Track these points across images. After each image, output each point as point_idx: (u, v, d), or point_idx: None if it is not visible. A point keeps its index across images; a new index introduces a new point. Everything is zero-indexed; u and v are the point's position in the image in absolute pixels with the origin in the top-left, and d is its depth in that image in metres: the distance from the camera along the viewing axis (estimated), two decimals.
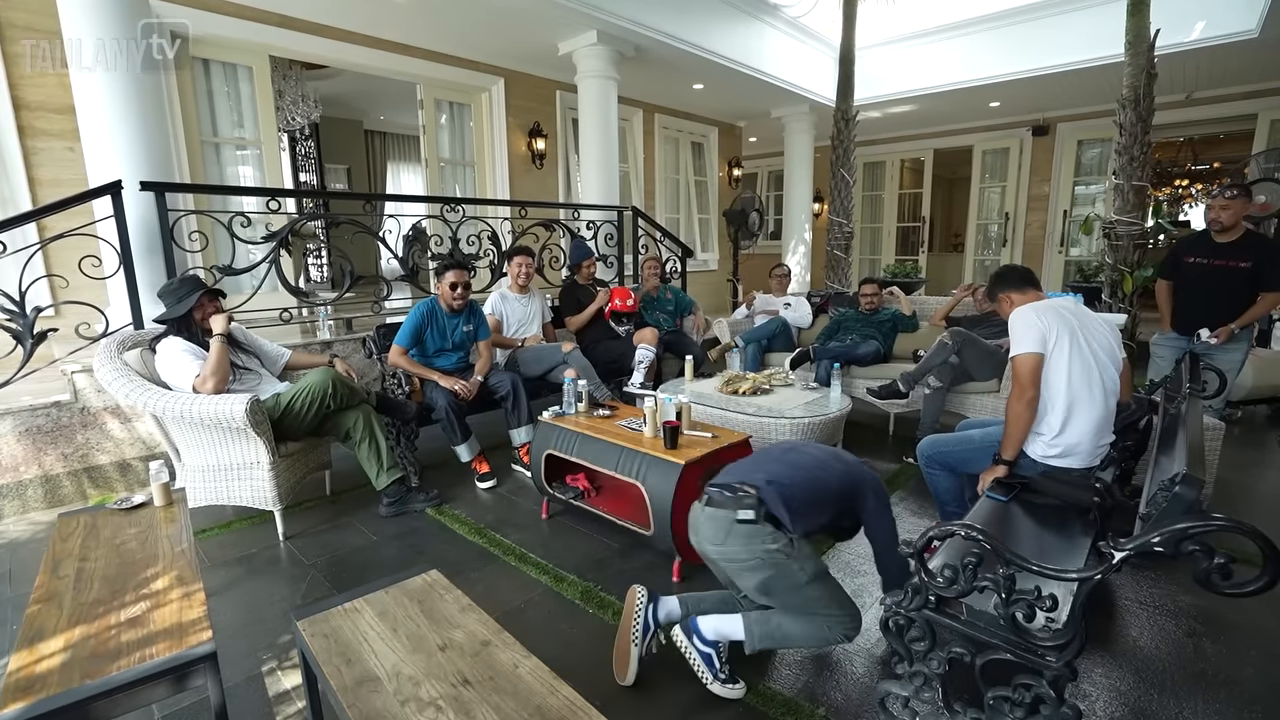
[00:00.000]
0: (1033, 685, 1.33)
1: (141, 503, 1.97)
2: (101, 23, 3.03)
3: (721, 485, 1.75)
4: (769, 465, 1.80)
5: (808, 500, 1.73)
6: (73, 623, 1.36)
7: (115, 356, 2.54)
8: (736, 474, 1.79)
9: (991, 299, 2.31)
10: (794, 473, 1.76)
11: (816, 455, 1.87)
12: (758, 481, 1.71)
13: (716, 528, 1.69)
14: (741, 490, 1.69)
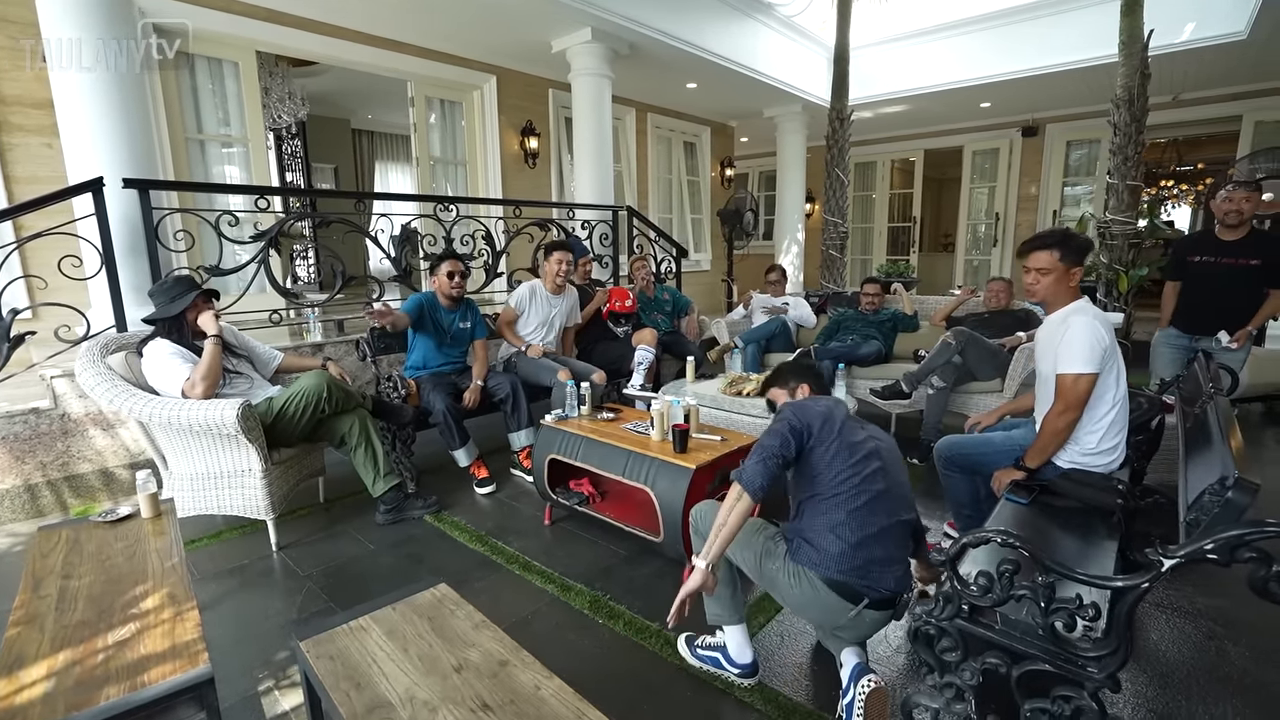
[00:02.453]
0: (1073, 697, 1.28)
1: (127, 515, 1.87)
2: (91, 23, 2.91)
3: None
4: (897, 534, 1.67)
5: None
6: (56, 647, 1.27)
7: (98, 361, 2.42)
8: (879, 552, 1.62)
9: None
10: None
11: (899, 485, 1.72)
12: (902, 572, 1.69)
13: (878, 624, 1.70)
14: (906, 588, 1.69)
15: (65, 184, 3.07)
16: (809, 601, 1.63)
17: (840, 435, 1.65)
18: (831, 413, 1.69)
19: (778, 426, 1.67)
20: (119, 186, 2.98)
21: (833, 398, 1.87)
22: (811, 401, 1.77)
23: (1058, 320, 2.00)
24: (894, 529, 1.64)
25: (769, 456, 1.61)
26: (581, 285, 4.32)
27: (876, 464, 1.64)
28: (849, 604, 1.58)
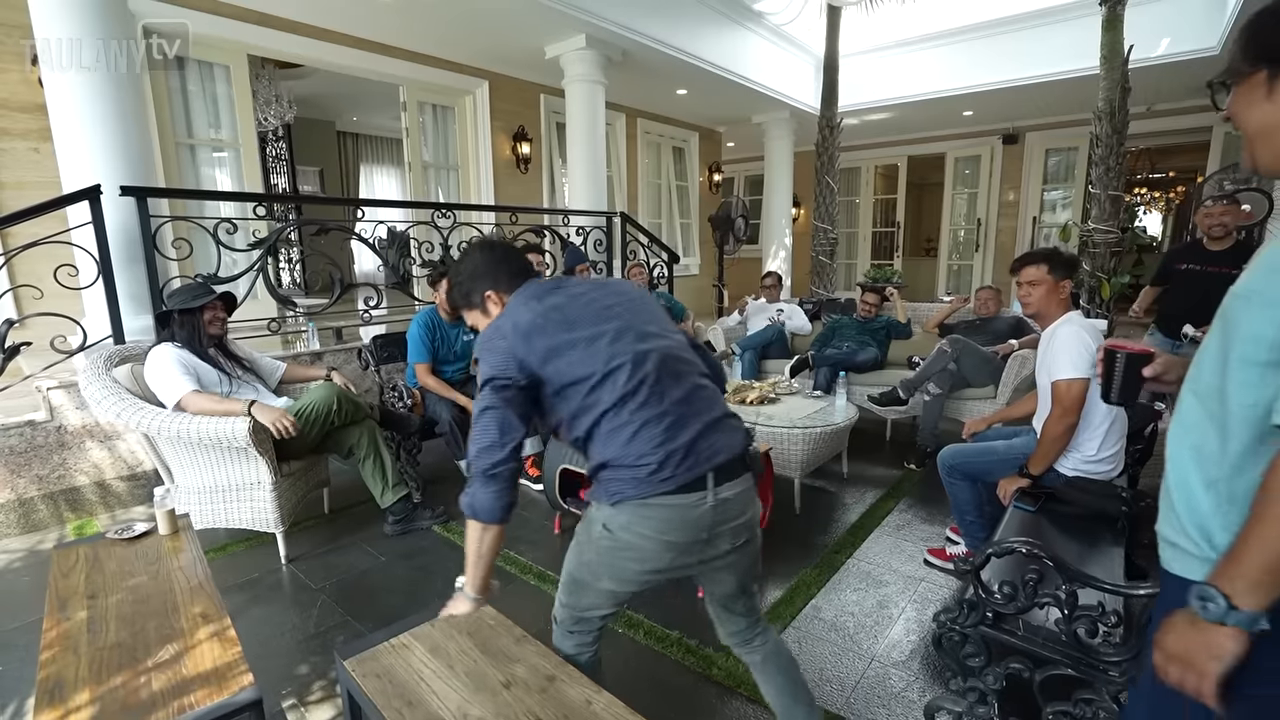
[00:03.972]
0: (1094, 699, 1.34)
1: (145, 531, 1.85)
2: (87, 23, 2.85)
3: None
4: (707, 394, 1.32)
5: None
6: (94, 671, 1.26)
7: (104, 373, 2.38)
8: (698, 425, 1.25)
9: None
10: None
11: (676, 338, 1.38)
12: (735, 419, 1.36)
13: (746, 498, 1.31)
14: (747, 441, 1.33)
15: (55, 189, 3.02)
16: (660, 530, 1.23)
17: (560, 329, 1.26)
18: (529, 322, 1.27)
19: (482, 396, 1.27)
20: (116, 193, 2.93)
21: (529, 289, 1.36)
22: (500, 321, 1.31)
23: (1048, 334, 2.13)
24: (700, 388, 1.31)
25: (483, 452, 1.28)
26: None
27: (618, 325, 1.29)
28: (698, 493, 1.22)
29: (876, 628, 2.09)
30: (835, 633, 2.07)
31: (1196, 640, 0.74)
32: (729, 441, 1.28)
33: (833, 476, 3.41)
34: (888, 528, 2.84)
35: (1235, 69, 0.82)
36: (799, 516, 2.94)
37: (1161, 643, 0.78)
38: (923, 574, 2.44)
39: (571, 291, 1.35)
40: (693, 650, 1.95)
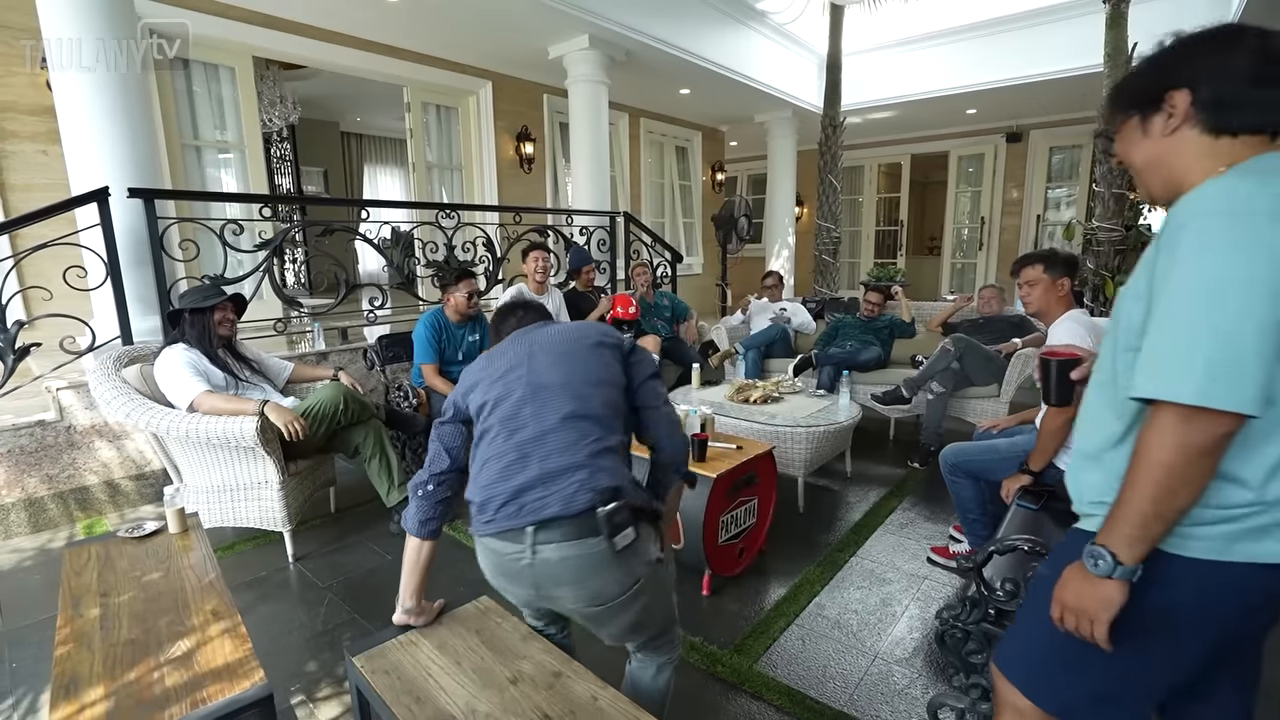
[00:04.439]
0: None
1: (155, 530, 1.87)
2: (90, 23, 2.87)
3: (549, 498, 1.16)
4: (560, 438, 1.20)
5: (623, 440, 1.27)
6: (108, 667, 1.28)
7: (113, 374, 2.41)
8: (530, 474, 1.19)
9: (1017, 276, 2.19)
10: (592, 411, 1.24)
11: (574, 362, 1.31)
12: (600, 476, 1.17)
13: (587, 564, 1.16)
14: (598, 501, 1.14)
15: (63, 192, 3.05)
16: (490, 571, 1.29)
17: (484, 367, 1.35)
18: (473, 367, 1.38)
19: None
20: (124, 195, 2.95)
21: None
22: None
23: (1049, 331, 2.17)
24: (557, 431, 1.22)
25: (419, 472, 1.39)
26: (584, 292, 4.35)
27: (513, 361, 1.32)
28: (517, 546, 1.18)
29: (880, 625, 2.11)
30: (839, 630, 2.08)
31: (1090, 594, 0.86)
32: (566, 496, 1.14)
33: (836, 475, 3.42)
34: (891, 526, 2.85)
35: (1113, 120, 0.97)
36: (803, 515, 2.95)
37: (1061, 597, 0.90)
38: (926, 572, 2.45)
39: (525, 336, 1.40)
40: (697, 647, 1.97)
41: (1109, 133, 0.85)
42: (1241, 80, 0.85)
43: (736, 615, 2.17)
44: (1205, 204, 0.81)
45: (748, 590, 2.33)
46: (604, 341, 1.36)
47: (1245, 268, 0.76)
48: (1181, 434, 0.78)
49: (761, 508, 2.52)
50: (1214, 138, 0.87)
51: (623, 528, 1.14)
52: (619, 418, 1.29)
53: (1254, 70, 0.84)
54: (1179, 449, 0.78)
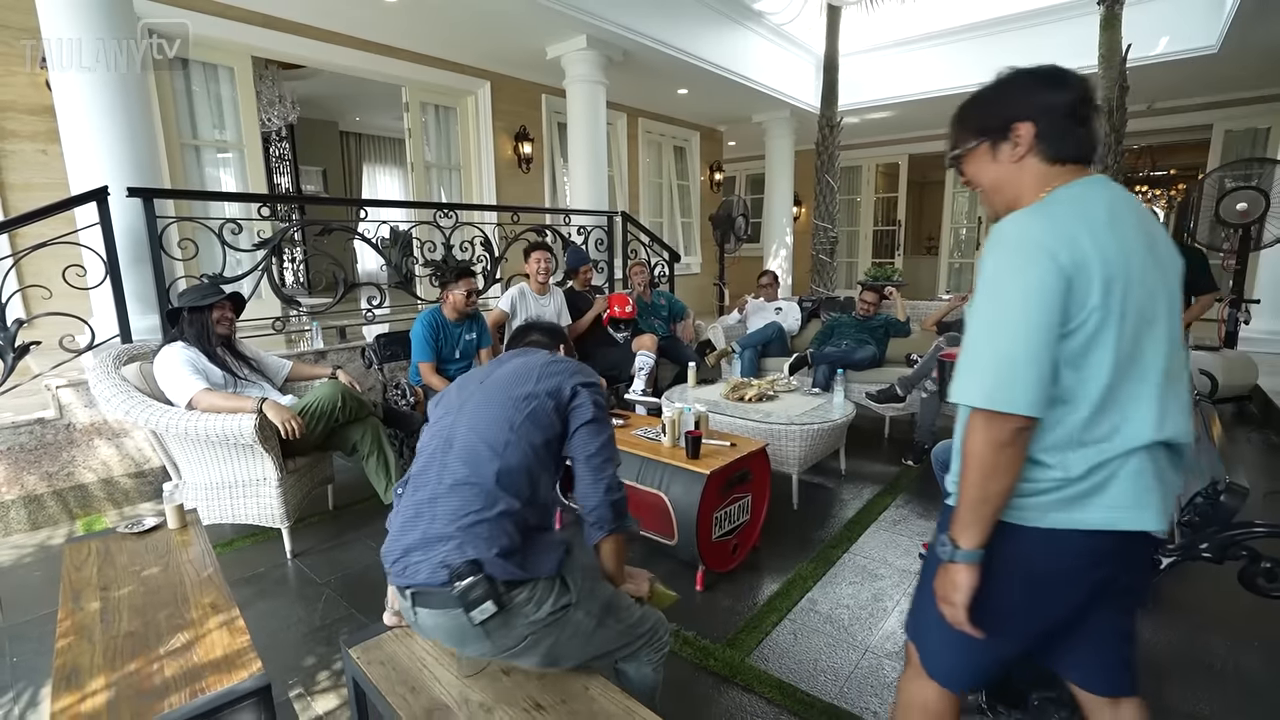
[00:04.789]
0: None
1: (154, 526, 1.90)
2: (90, 23, 2.89)
3: (414, 569, 1.19)
4: (445, 505, 1.21)
5: (526, 516, 1.22)
6: (109, 658, 1.30)
7: (113, 372, 2.43)
8: (415, 536, 1.21)
9: None
10: (478, 489, 1.21)
11: (474, 441, 1.25)
12: (466, 549, 1.16)
13: (456, 632, 1.18)
14: (454, 576, 1.14)
15: (63, 190, 3.07)
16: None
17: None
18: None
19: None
20: (123, 195, 2.97)
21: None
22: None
23: None
24: (444, 497, 1.21)
25: None
26: (582, 291, 4.37)
27: (442, 413, 1.35)
28: (405, 602, 1.22)
29: (871, 620, 2.13)
30: (830, 625, 2.10)
31: (945, 580, 1.01)
32: (431, 567, 1.15)
33: (831, 473, 3.44)
34: (884, 523, 2.87)
35: (963, 145, 1.08)
36: (796, 512, 2.98)
37: (935, 588, 1.04)
38: (918, 568, 2.47)
39: (494, 365, 1.42)
40: (690, 641, 1.99)
41: (958, 156, 1.10)
42: (1068, 117, 0.99)
43: (730, 610, 2.19)
44: (1002, 234, 0.96)
45: (741, 586, 2.36)
46: (536, 392, 1.28)
47: (1020, 294, 0.92)
48: (983, 431, 0.94)
49: (755, 504, 2.54)
50: (1050, 165, 1.00)
51: (479, 603, 1.12)
52: (527, 479, 1.23)
53: (1075, 109, 0.99)
54: (984, 443, 0.94)
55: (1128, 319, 0.93)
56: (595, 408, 1.31)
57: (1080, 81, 1.01)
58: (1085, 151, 1.01)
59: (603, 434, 1.31)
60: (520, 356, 1.42)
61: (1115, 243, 0.93)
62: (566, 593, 1.21)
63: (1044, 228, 0.93)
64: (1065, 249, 0.91)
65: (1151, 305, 0.96)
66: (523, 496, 1.22)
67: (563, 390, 1.30)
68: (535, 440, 1.25)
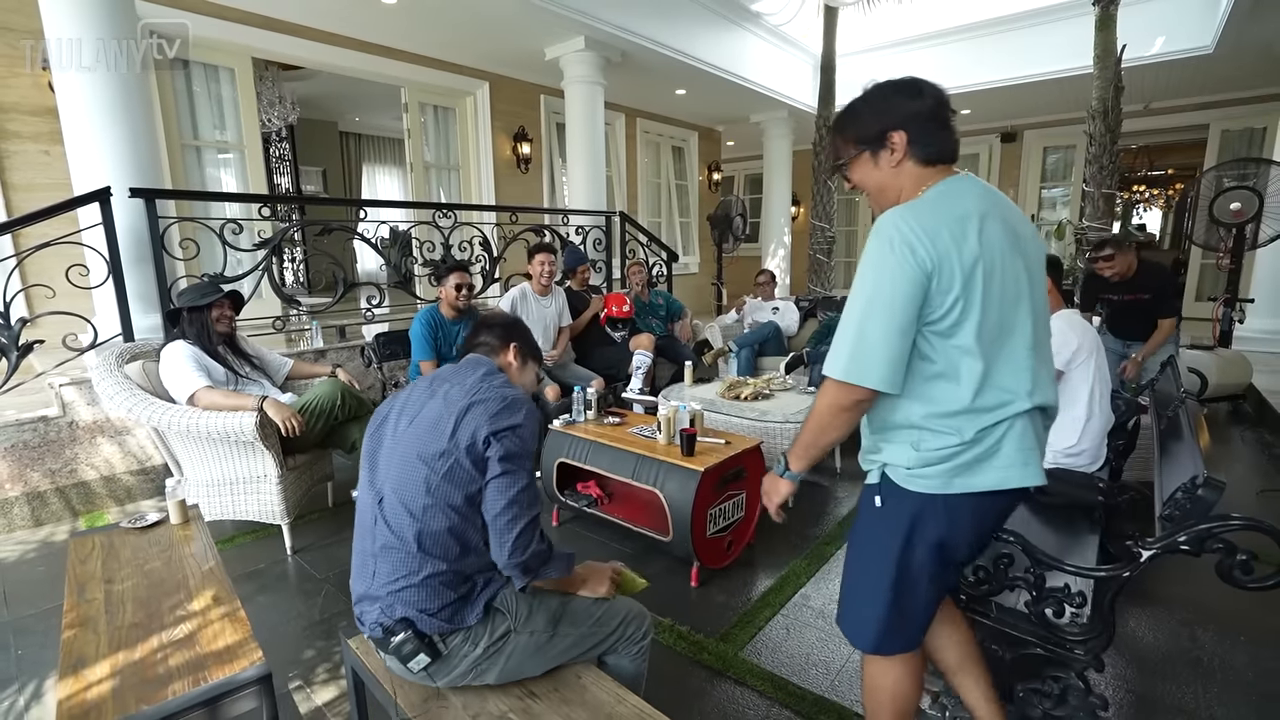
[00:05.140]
0: (1062, 677, 1.40)
1: (157, 520, 1.93)
2: (91, 23, 2.92)
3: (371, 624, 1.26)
4: (380, 566, 1.25)
5: (456, 574, 1.23)
6: (113, 648, 1.33)
7: (115, 370, 2.46)
8: (362, 588, 1.29)
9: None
10: (402, 553, 1.22)
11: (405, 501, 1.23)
12: (396, 609, 1.22)
13: (406, 673, 1.25)
14: (388, 633, 1.21)
15: (65, 191, 3.10)
16: None
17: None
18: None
19: None
20: (125, 195, 3.00)
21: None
22: None
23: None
24: (379, 557, 1.25)
25: None
26: (579, 291, 4.40)
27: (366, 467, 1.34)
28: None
29: None
30: (823, 620, 2.13)
31: (773, 483, 1.31)
32: (371, 622, 1.24)
33: (826, 471, 3.47)
34: None
35: (845, 154, 1.20)
36: (792, 509, 3.01)
37: (762, 488, 1.34)
38: None
39: (423, 392, 1.34)
40: (684, 636, 2.02)
41: (842, 164, 1.23)
42: (931, 121, 1.11)
43: (723, 606, 2.22)
44: (876, 228, 1.08)
45: (735, 582, 2.39)
46: (449, 449, 1.20)
47: (873, 282, 1.06)
48: (831, 394, 1.12)
49: (750, 502, 2.57)
50: (924, 167, 1.12)
51: (413, 655, 1.19)
52: (453, 539, 1.22)
53: (936, 114, 1.11)
54: (828, 405, 1.13)
55: (992, 300, 1.05)
56: (505, 460, 1.20)
57: (935, 89, 1.12)
58: (951, 151, 1.13)
59: (512, 488, 1.21)
60: (452, 383, 1.31)
61: (977, 234, 1.05)
62: (504, 620, 1.25)
63: (909, 224, 1.04)
64: (926, 243, 1.02)
65: (1016, 286, 1.09)
66: (449, 557, 1.21)
67: (476, 442, 1.20)
68: (455, 500, 1.20)
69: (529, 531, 1.21)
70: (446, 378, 1.34)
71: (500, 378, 1.34)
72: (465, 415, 1.22)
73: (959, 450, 1.09)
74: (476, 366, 1.36)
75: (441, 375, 1.36)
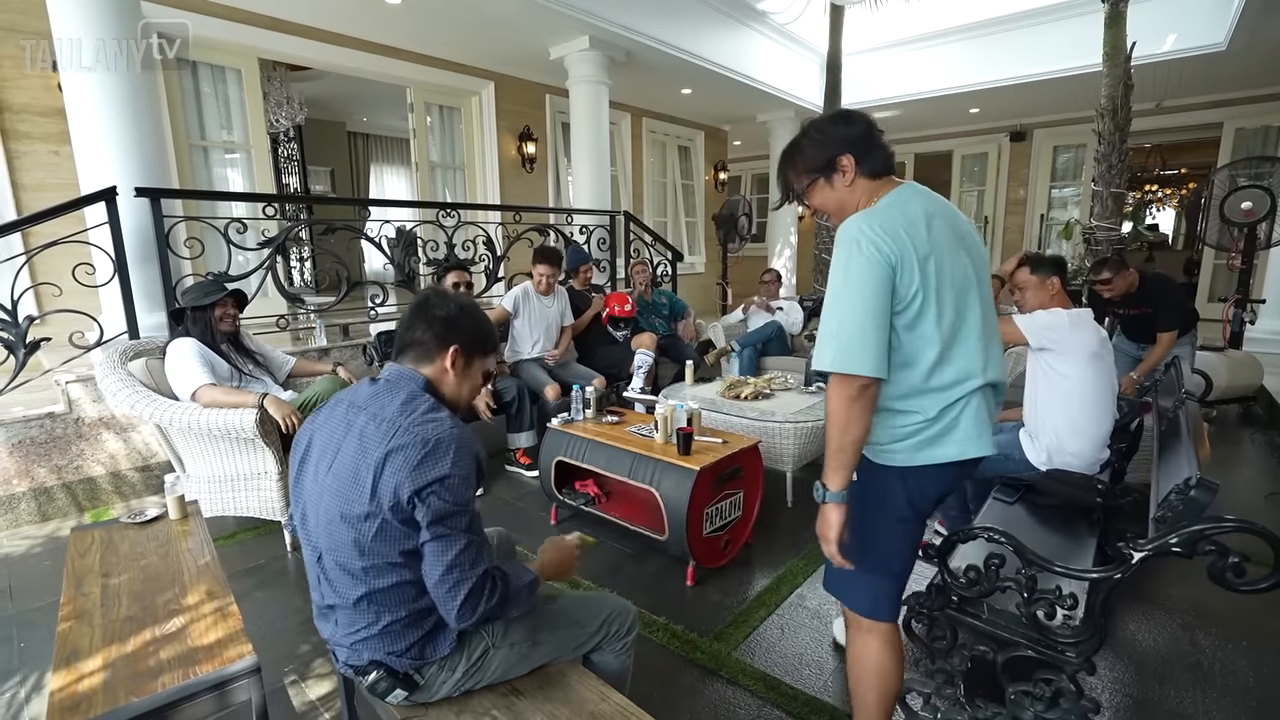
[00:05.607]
0: (1053, 680, 1.39)
1: (156, 516, 1.95)
2: (94, 23, 2.96)
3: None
4: (339, 618, 1.20)
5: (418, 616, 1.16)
6: (107, 641, 1.35)
7: (119, 367, 2.49)
8: (327, 630, 1.26)
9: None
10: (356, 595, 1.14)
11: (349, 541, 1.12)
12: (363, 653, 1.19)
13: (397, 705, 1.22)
14: (360, 673, 1.20)
15: (74, 191, 3.14)
16: None
17: None
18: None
19: None
20: (131, 195, 3.04)
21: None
22: None
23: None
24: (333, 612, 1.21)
25: None
26: (581, 290, 4.41)
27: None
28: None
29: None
30: (818, 620, 2.13)
31: (821, 521, 1.28)
32: (341, 663, 1.24)
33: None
34: None
35: (801, 184, 1.34)
36: (790, 510, 3.00)
37: (817, 529, 1.31)
38: None
39: (336, 423, 1.21)
40: (678, 635, 2.02)
41: (800, 193, 1.36)
42: (867, 141, 1.27)
43: (719, 605, 2.22)
44: (841, 234, 1.20)
45: (731, 581, 2.38)
46: (374, 511, 1.08)
47: (844, 280, 1.17)
48: (836, 390, 1.18)
49: (747, 501, 2.57)
50: (872, 180, 1.27)
51: (388, 692, 1.17)
52: (409, 588, 1.13)
53: (870, 135, 1.27)
54: (837, 399, 1.18)
55: (945, 290, 1.19)
56: (436, 523, 1.07)
57: (863, 115, 1.30)
58: (889, 163, 1.29)
59: (448, 552, 1.07)
60: (370, 412, 1.15)
61: (928, 234, 1.18)
62: (481, 640, 1.22)
63: (871, 226, 1.17)
64: (888, 240, 1.15)
65: (964, 277, 1.23)
66: (406, 602, 1.13)
67: (400, 501, 1.06)
68: (394, 558, 1.10)
69: (476, 594, 1.08)
70: (364, 405, 1.17)
71: (423, 403, 1.14)
72: (384, 469, 1.07)
73: (923, 426, 1.22)
74: (396, 389, 1.17)
75: (359, 400, 1.19)
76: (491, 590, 1.11)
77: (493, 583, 1.11)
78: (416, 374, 1.21)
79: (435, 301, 1.25)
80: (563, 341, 3.97)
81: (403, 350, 1.24)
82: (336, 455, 1.15)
